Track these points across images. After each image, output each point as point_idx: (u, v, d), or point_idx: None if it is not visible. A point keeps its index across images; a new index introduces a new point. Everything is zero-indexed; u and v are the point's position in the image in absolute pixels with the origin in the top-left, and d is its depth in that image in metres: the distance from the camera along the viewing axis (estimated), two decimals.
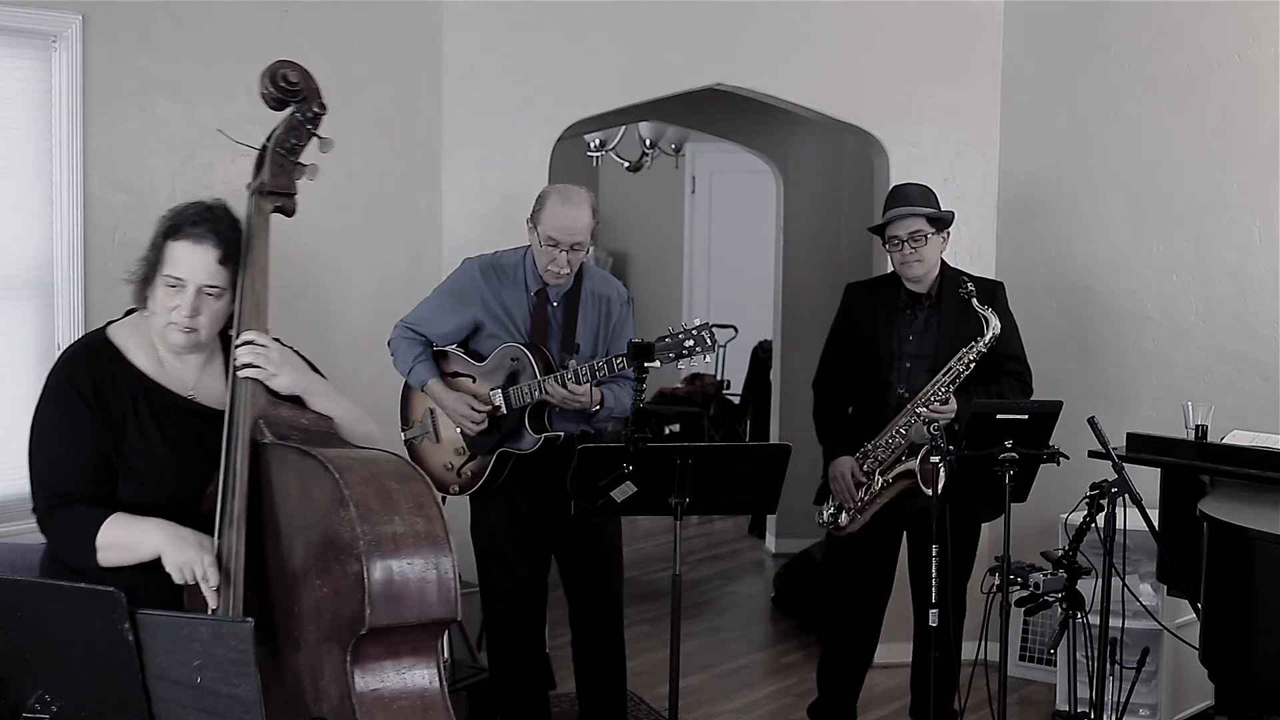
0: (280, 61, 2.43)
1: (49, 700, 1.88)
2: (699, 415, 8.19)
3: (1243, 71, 4.36)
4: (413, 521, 2.20)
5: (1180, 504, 3.62)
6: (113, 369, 2.42)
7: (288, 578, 2.26)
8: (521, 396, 3.57)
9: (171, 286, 2.38)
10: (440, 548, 2.21)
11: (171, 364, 2.47)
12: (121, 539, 2.31)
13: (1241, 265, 4.39)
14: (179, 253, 2.38)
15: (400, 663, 2.20)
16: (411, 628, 2.18)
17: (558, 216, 3.57)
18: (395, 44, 4.48)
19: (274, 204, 2.43)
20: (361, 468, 2.22)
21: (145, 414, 2.41)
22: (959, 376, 3.70)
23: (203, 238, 2.38)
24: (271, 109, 2.47)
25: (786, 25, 4.79)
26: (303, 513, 2.25)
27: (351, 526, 2.12)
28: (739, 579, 6.45)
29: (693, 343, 3.29)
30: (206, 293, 2.39)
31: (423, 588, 2.17)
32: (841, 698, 4.06)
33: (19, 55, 3.62)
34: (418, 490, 2.26)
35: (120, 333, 2.49)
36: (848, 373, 3.99)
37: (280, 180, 2.43)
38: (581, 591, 3.81)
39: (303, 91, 2.44)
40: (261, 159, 2.46)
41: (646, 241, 9.79)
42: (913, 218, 3.80)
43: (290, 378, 2.38)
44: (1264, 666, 3.02)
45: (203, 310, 2.39)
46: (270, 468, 2.30)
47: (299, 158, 2.45)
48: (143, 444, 2.39)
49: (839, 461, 3.87)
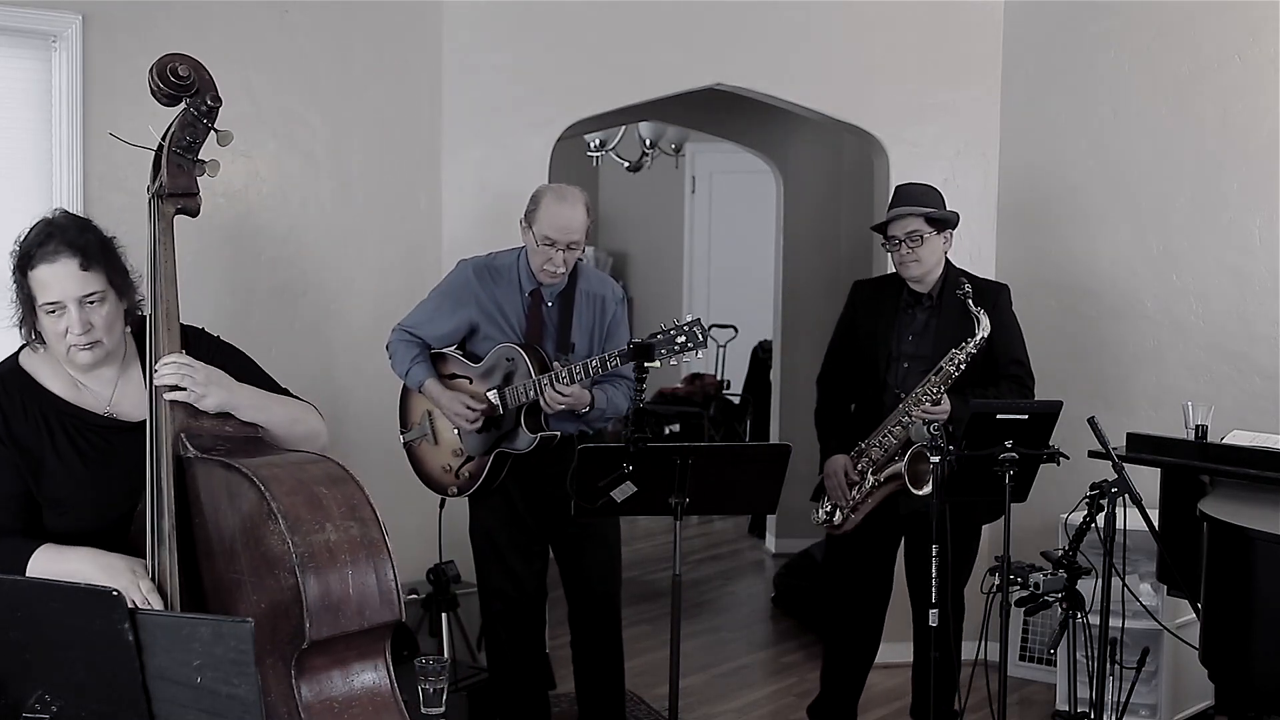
0: (168, 55, 2.36)
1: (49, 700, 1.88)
2: (699, 415, 8.19)
3: (1243, 71, 4.36)
4: (346, 527, 2.15)
5: (1180, 504, 3.62)
6: (23, 398, 2.36)
7: (224, 594, 2.21)
8: (517, 396, 3.58)
9: (51, 313, 2.31)
10: (377, 551, 2.16)
11: (86, 385, 2.40)
12: (51, 572, 2.23)
13: (1241, 265, 4.39)
14: (43, 277, 2.30)
15: (347, 669, 2.16)
16: (355, 634, 2.14)
17: (553, 216, 3.58)
18: (395, 44, 4.48)
19: (176, 206, 2.36)
20: (289, 475, 2.17)
21: (61, 439, 2.35)
22: (950, 377, 3.70)
23: (55, 254, 2.29)
24: (163, 105, 2.40)
25: (786, 25, 4.79)
26: (232, 527, 2.19)
27: (282, 539, 2.08)
28: (739, 579, 6.45)
29: (684, 339, 3.30)
30: (87, 303, 2.31)
31: (362, 594, 2.13)
32: (843, 697, 4.06)
33: (19, 55, 3.62)
34: (349, 493, 2.20)
35: (32, 360, 2.42)
36: (850, 370, 4.00)
37: (179, 181, 2.35)
38: (580, 591, 3.81)
39: (195, 85, 2.35)
40: (158, 161, 2.38)
41: (646, 241, 9.79)
42: (911, 218, 3.80)
43: (218, 396, 2.31)
44: (1264, 666, 3.02)
45: (93, 320, 2.32)
46: (197, 482, 2.24)
47: (197, 155, 2.37)
48: (62, 471, 2.33)
49: (833, 460, 3.88)
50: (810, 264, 6.50)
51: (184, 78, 2.34)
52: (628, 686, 4.01)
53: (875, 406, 3.87)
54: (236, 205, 4.11)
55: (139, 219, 3.81)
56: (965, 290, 3.70)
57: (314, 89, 4.25)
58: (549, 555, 3.83)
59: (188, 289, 3.90)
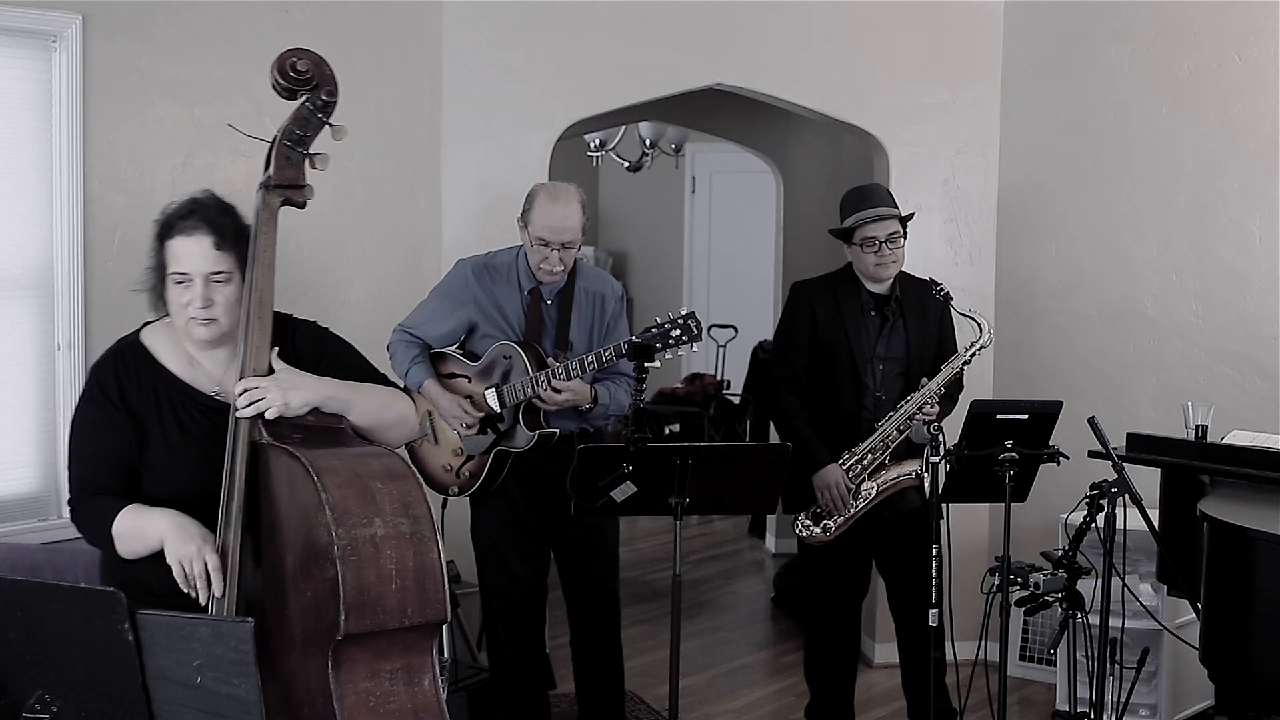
0: (290, 50, 2.41)
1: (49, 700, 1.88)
2: (699, 415, 8.19)
3: (1243, 71, 4.36)
4: (396, 523, 2.15)
5: (1180, 504, 3.62)
6: (139, 370, 2.48)
7: (279, 580, 2.24)
8: (515, 394, 3.58)
9: (179, 283, 2.42)
10: (426, 549, 2.16)
11: (200, 363, 2.50)
12: (132, 528, 2.36)
13: (1241, 265, 4.39)
14: (177, 249, 2.41)
15: (389, 664, 2.16)
16: (398, 631, 2.14)
17: (547, 215, 3.57)
18: (395, 44, 4.48)
19: (281, 197, 2.42)
20: (345, 468, 2.18)
21: (169, 414, 2.45)
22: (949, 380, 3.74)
23: (195, 228, 2.40)
24: (283, 99, 2.46)
25: (786, 25, 4.79)
26: (291, 515, 2.23)
27: (328, 530, 2.09)
28: (739, 579, 6.45)
29: (679, 332, 3.29)
30: (214, 280, 2.41)
31: (405, 591, 2.12)
32: (836, 697, 4.05)
33: (19, 55, 3.62)
34: (406, 490, 2.20)
35: (153, 335, 2.54)
36: (816, 373, 3.90)
37: (286, 173, 2.41)
38: (580, 591, 3.81)
39: (313, 80, 2.41)
40: (269, 153, 2.46)
41: (646, 241, 9.79)
42: (891, 219, 3.81)
43: (301, 397, 2.36)
44: (1264, 666, 3.02)
45: (215, 298, 2.41)
46: (267, 470, 2.29)
47: (308, 148, 2.42)
48: (164, 443, 2.43)
49: (828, 471, 3.77)
50: (810, 264, 6.47)
51: (303, 72, 2.40)
52: (628, 686, 4.01)
53: (854, 411, 3.85)
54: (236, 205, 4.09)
55: (139, 219, 3.84)
56: (944, 292, 3.72)
57: None
58: (549, 555, 3.83)
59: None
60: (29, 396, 3.68)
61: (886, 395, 3.81)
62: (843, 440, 3.81)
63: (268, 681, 2.25)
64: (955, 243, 4.94)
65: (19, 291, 3.65)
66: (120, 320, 3.78)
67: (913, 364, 3.84)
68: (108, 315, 3.78)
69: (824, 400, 3.89)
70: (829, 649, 4.01)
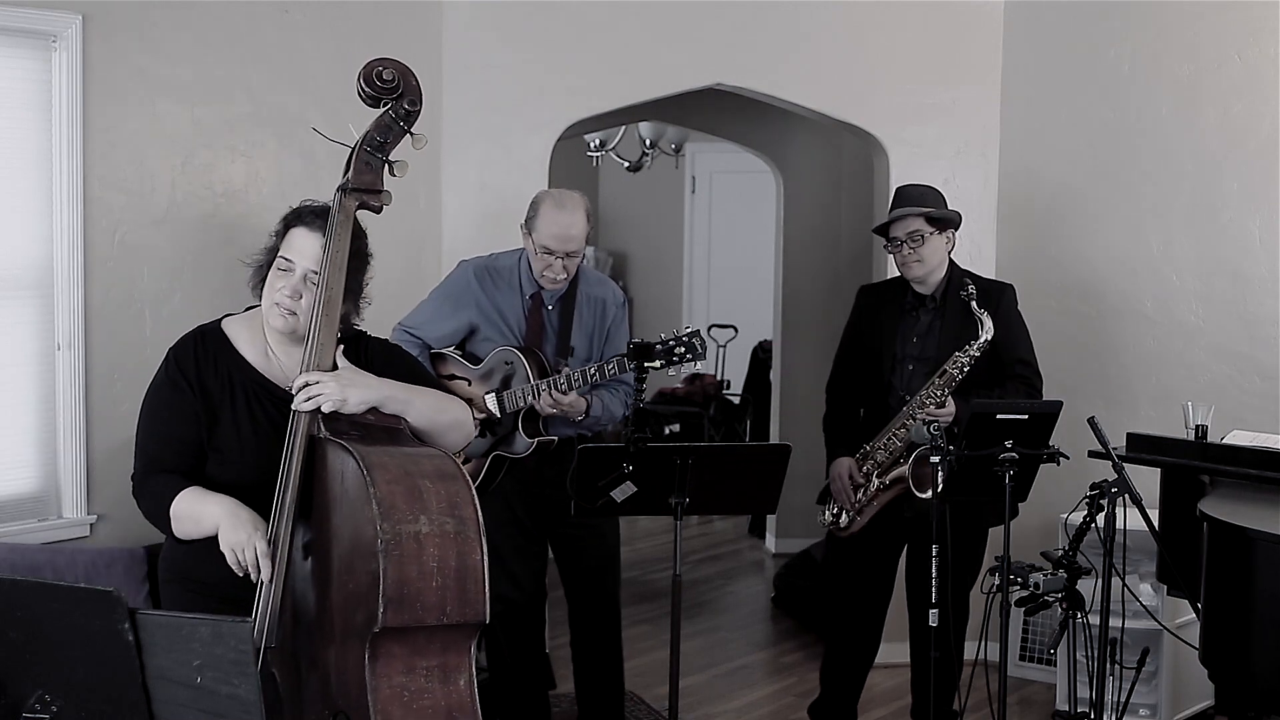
0: (376, 59, 2.48)
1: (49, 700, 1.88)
2: (699, 415, 8.19)
3: (1243, 71, 4.37)
4: (441, 522, 2.17)
5: (1180, 504, 3.62)
6: (217, 355, 2.54)
7: (325, 571, 2.29)
8: (515, 400, 3.57)
9: (283, 270, 2.50)
10: (469, 550, 2.18)
11: (276, 357, 2.56)
12: (189, 510, 2.42)
13: (1241, 265, 4.39)
14: (295, 238, 2.51)
15: (426, 661, 2.18)
16: (436, 629, 2.16)
17: (551, 224, 3.56)
18: (395, 44, 4.47)
19: (357, 201, 2.49)
20: (396, 465, 2.22)
21: (241, 401, 2.52)
22: (954, 380, 3.70)
23: (320, 227, 2.49)
24: (368, 106, 2.52)
25: (786, 25, 4.79)
26: (340, 508, 2.27)
27: (373, 524, 2.12)
28: (739, 579, 6.45)
29: (684, 349, 3.31)
30: (311, 279, 2.47)
31: (445, 590, 2.14)
32: (843, 697, 4.06)
33: (19, 55, 3.62)
34: (454, 490, 2.23)
35: (233, 325, 2.61)
36: (857, 375, 3.98)
37: (365, 178, 2.49)
38: (579, 591, 3.81)
39: (399, 88, 2.47)
40: (350, 158, 2.52)
41: (646, 241, 9.78)
42: (911, 218, 3.79)
43: (360, 395, 2.41)
44: (1264, 666, 3.02)
45: (305, 295, 2.48)
46: (322, 462, 2.33)
47: (388, 155, 2.50)
48: (234, 429, 2.50)
49: (838, 463, 3.88)
50: (810, 264, 6.50)
51: (388, 81, 2.47)
52: (628, 686, 4.01)
53: (881, 409, 3.87)
54: (236, 205, 4.10)
55: (139, 219, 3.85)
56: (969, 292, 3.69)
57: (314, 89, 4.25)
58: (548, 556, 3.83)
59: (189, 288, 3.92)
60: (29, 396, 3.68)
61: (910, 394, 3.80)
62: (872, 438, 3.85)
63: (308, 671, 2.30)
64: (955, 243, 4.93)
65: (19, 291, 3.65)
66: (120, 320, 3.83)
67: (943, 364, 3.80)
68: (108, 315, 3.78)
69: (860, 399, 3.98)
70: (848, 650, 4.03)
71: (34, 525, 3.65)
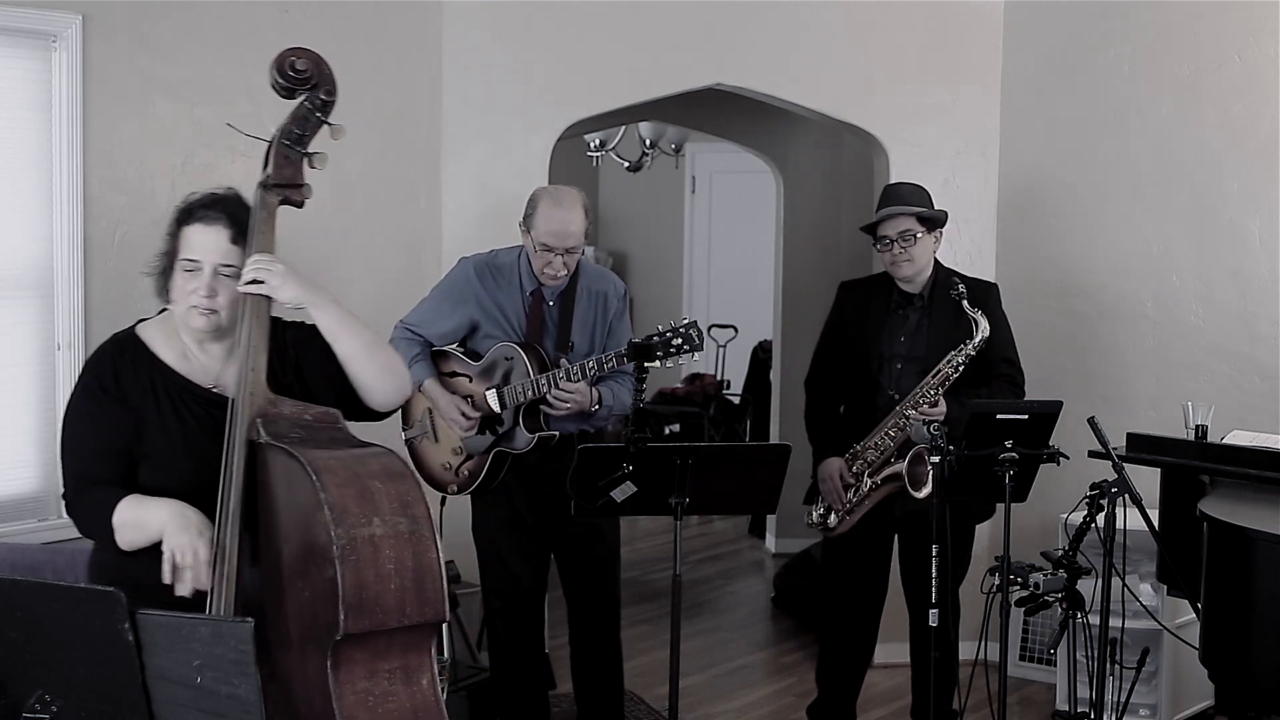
0: (289, 49, 2.41)
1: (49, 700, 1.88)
2: (699, 415, 8.19)
3: (1243, 71, 4.37)
4: (395, 523, 2.14)
5: (1180, 504, 3.62)
6: (135, 362, 2.48)
7: (277, 579, 2.25)
8: (516, 396, 3.58)
9: (188, 271, 2.42)
10: (424, 548, 2.15)
11: (196, 356, 2.50)
12: (133, 518, 2.35)
13: (1241, 265, 4.39)
14: (192, 236, 2.43)
15: (388, 664, 2.16)
16: (396, 631, 2.14)
17: (549, 220, 3.57)
18: (395, 44, 4.48)
19: (279, 196, 2.43)
20: (344, 468, 2.18)
21: (165, 405, 2.45)
22: (948, 379, 3.70)
23: (214, 219, 2.42)
24: (282, 98, 2.46)
25: (786, 25, 4.79)
26: (289, 515, 2.22)
27: (327, 530, 2.08)
28: (739, 579, 6.45)
29: (681, 341, 3.30)
30: (222, 273, 2.41)
31: (404, 591, 2.11)
32: (841, 697, 4.06)
33: (19, 55, 3.62)
34: (404, 489, 2.20)
35: (149, 329, 2.55)
36: (840, 372, 3.97)
37: (285, 172, 2.42)
38: (579, 591, 3.81)
39: (312, 79, 2.41)
40: (268, 152, 2.46)
41: (646, 241, 9.78)
42: (903, 217, 3.80)
43: (294, 290, 2.38)
44: (1264, 666, 3.02)
45: (220, 291, 2.41)
46: (265, 468, 2.28)
47: (306, 147, 2.43)
48: (162, 434, 2.44)
49: (828, 463, 3.86)
50: (810, 264, 6.50)
51: (302, 71, 2.40)
52: (628, 686, 4.01)
53: (868, 408, 3.86)
54: None
55: (139, 219, 3.85)
56: (960, 291, 3.70)
57: None
58: (549, 554, 3.83)
59: None
60: (29, 396, 3.68)
61: (899, 394, 3.80)
62: (857, 438, 3.84)
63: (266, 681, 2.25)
64: (955, 243, 4.93)
65: (19, 291, 3.66)
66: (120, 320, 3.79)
67: (932, 364, 3.80)
68: (108, 315, 3.77)
69: (847, 397, 3.96)
70: (843, 650, 4.02)
71: (34, 525, 3.65)
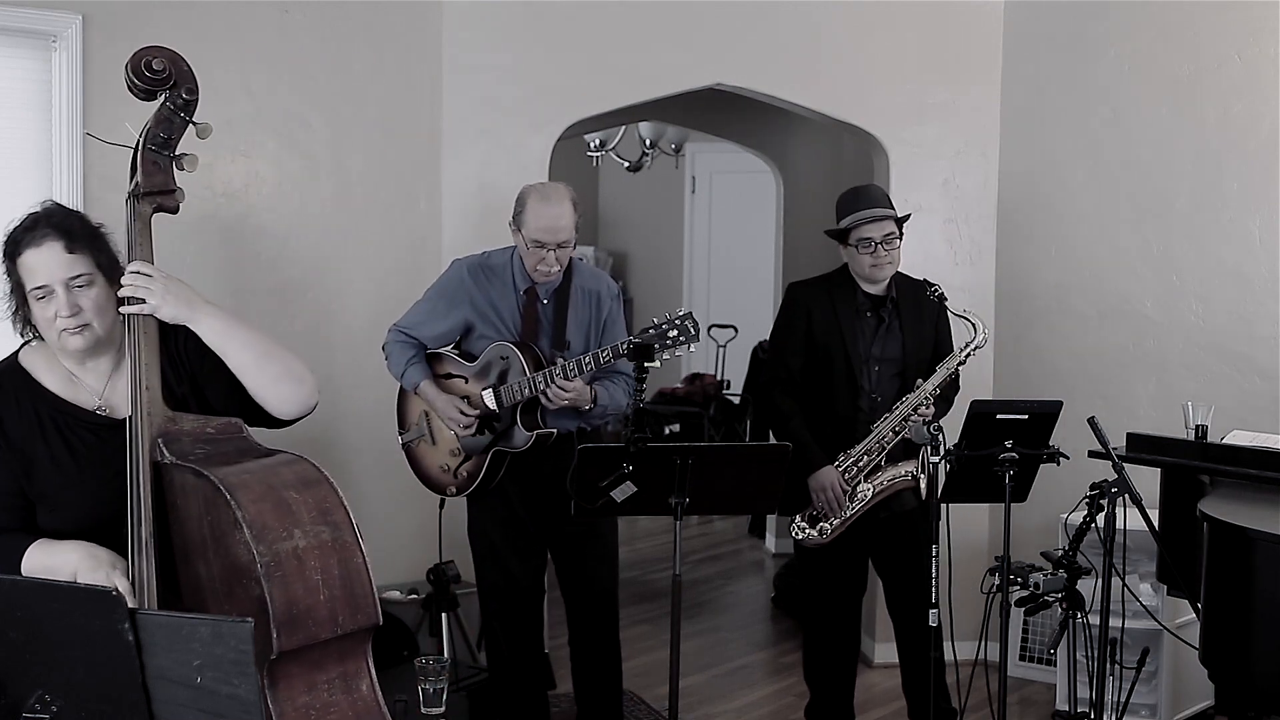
0: (143, 49, 2.31)
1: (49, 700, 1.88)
2: (699, 415, 8.19)
3: (1243, 71, 4.36)
4: (317, 532, 2.10)
5: (1180, 504, 3.62)
6: (18, 394, 2.35)
7: (199, 603, 2.18)
8: (512, 394, 3.58)
9: (41, 299, 2.29)
10: (349, 554, 2.11)
11: (80, 378, 2.38)
12: (42, 564, 2.24)
13: (1241, 265, 4.39)
14: (29, 262, 2.28)
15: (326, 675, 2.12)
16: (331, 640, 2.10)
17: (539, 217, 3.57)
18: (395, 44, 4.48)
19: (153, 204, 2.32)
20: (257, 481, 2.12)
21: (54, 436, 2.33)
22: (946, 380, 3.74)
23: (42, 238, 2.28)
24: (142, 101, 2.36)
25: (787, 25, 4.79)
26: (205, 535, 2.15)
27: (248, 548, 2.03)
28: (739, 579, 6.45)
29: (677, 332, 3.30)
30: (75, 285, 2.28)
31: (334, 600, 2.08)
32: (836, 697, 4.04)
33: (19, 55, 3.62)
34: (322, 496, 2.15)
35: (30, 355, 2.41)
36: (813, 376, 3.89)
37: (155, 179, 2.31)
38: (578, 591, 3.81)
39: (171, 78, 2.30)
40: (135, 160, 2.34)
41: (646, 241, 9.79)
42: (888, 220, 3.81)
43: (174, 308, 2.28)
44: (1264, 666, 3.02)
45: (82, 303, 2.29)
46: (173, 490, 2.20)
47: (174, 150, 2.33)
48: (53, 468, 2.32)
49: (825, 473, 3.75)
50: (810, 264, 6.46)
51: (159, 71, 2.29)
52: (628, 686, 4.01)
53: (850, 412, 3.84)
54: (236, 205, 4.11)
55: None
56: (939, 293, 3.72)
57: (314, 89, 4.25)
58: (546, 554, 3.83)
59: None
60: None
61: (882, 397, 3.81)
62: (838, 442, 3.79)
63: None
64: (955, 243, 4.94)
65: None
66: None
67: (908, 365, 3.84)
68: None
69: (819, 402, 3.88)
70: (828, 649, 4.01)
71: None
